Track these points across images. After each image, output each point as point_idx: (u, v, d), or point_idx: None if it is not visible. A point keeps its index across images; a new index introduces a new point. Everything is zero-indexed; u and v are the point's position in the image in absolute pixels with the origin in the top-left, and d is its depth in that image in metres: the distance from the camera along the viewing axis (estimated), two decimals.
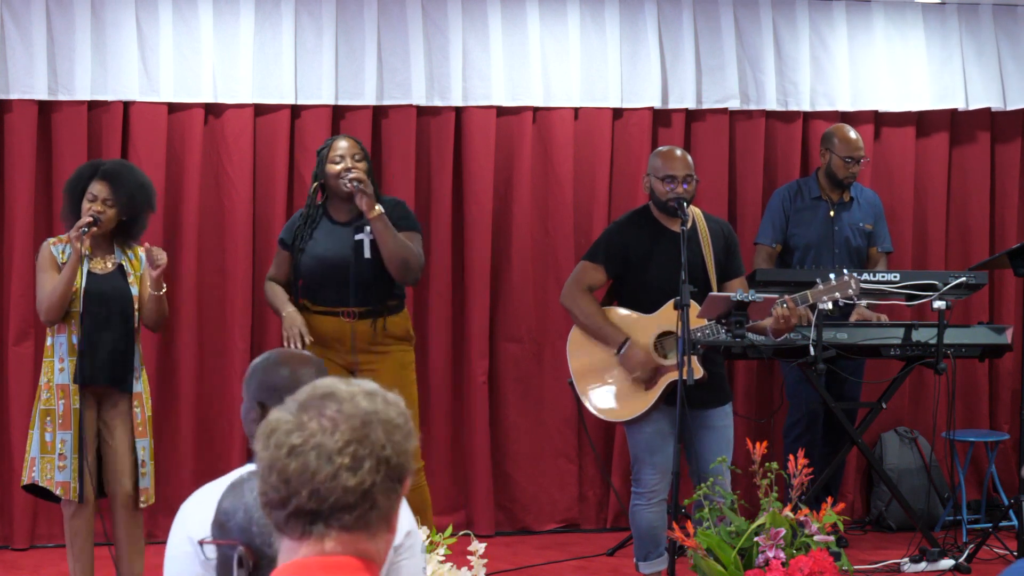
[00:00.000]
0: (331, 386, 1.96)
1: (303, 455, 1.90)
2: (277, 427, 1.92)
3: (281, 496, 1.90)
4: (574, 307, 5.33)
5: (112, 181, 5.12)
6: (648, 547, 5.27)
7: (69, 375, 5.06)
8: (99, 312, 5.08)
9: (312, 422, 1.91)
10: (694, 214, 5.31)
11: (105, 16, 6.36)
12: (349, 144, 5.38)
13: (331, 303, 5.32)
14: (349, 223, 5.36)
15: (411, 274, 5.34)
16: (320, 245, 5.35)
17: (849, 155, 6.45)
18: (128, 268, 5.17)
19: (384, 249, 5.25)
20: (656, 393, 5.15)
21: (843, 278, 5.19)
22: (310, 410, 1.92)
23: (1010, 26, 7.13)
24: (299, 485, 1.89)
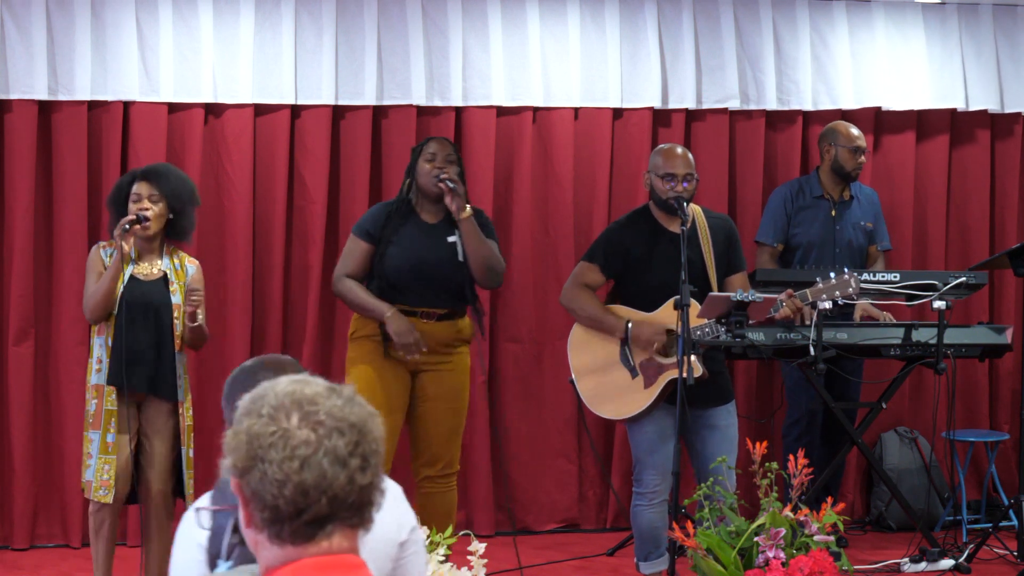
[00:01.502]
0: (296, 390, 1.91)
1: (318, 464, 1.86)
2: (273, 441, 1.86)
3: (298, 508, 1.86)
4: (574, 304, 5.33)
5: (153, 178, 5.17)
6: (649, 547, 5.28)
7: (104, 376, 5.08)
8: (135, 317, 5.09)
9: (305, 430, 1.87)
10: (694, 212, 5.31)
11: (105, 16, 6.36)
12: (442, 145, 5.37)
13: (413, 303, 5.29)
14: (439, 224, 5.35)
15: (495, 278, 5.36)
16: (413, 245, 5.30)
17: (855, 145, 6.47)
18: (172, 277, 5.18)
19: (471, 252, 5.26)
20: (656, 391, 5.15)
21: (843, 277, 5.19)
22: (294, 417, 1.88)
23: (1009, 27, 7.13)
24: (318, 494, 1.87)
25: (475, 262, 5.27)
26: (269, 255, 6.56)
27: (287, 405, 1.89)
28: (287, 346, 6.60)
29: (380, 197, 6.49)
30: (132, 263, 5.14)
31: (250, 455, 1.87)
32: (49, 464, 6.39)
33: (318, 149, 6.56)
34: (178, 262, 5.23)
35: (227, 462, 1.90)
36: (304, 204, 6.58)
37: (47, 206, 6.38)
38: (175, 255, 5.24)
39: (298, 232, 6.59)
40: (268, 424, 1.88)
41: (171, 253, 5.24)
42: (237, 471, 1.89)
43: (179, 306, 5.17)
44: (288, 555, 1.89)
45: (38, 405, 6.38)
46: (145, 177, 5.18)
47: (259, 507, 1.88)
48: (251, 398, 1.93)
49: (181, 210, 5.19)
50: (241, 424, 1.89)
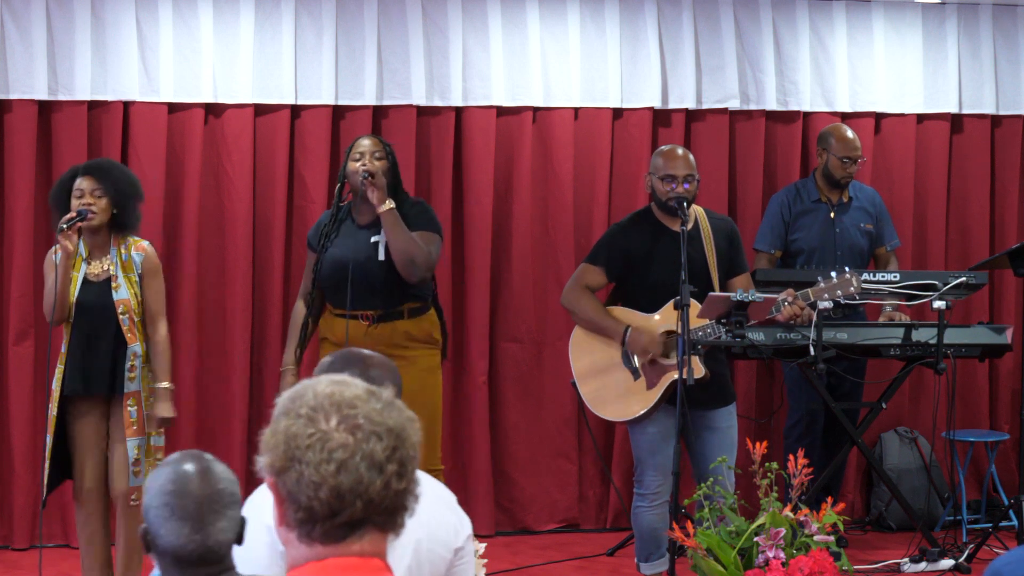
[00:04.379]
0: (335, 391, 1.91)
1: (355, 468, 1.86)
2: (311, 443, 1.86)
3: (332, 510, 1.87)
4: (574, 306, 5.33)
5: (95, 173, 5.17)
6: (650, 548, 5.28)
7: (56, 381, 5.13)
8: (86, 324, 5.12)
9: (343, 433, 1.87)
10: (696, 213, 5.31)
11: (105, 16, 6.36)
12: (371, 142, 5.38)
13: (348, 306, 5.28)
14: (369, 225, 5.35)
15: (416, 271, 5.27)
16: (338, 248, 5.34)
17: (847, 155, 6.44)
18: (117, 271, 5.16)
19: (391, 244, 5.24)
20: (658, 392, 5.15)
21: (844, 276, 5.20)
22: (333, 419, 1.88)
23: (1008, 28, 7.13)
24: (353, 498, 1.87)
25: (395, 255, 5.25)
26: (269, 255, 6.55)
27: (326, 407, 1.89)
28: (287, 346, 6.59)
29: None
30: (85, 263, 5.13)
31: (287, 455, 1.87)
32: None
33: (318, 149, 6.56)
34: (125, 252, 5.20)
35: (263, 460, 1.90)
36: (304, 204, 6.57)
37: (47, 206, 6.36)
38: (122, 245, 5.21)
39: (298, 232, 6.58)
40: (307, 425, 1.88)
41: (119, 244, 5.20)
42: (273, 470, 1.89)
43: (123, 301, 5.12)
44: (316, 553, 1.89)
45: (38, 405, 6.37)
46: (87, 172, 5.16)
47: (293, 507, 1.88)
48: (290, 397, 1.92)
49: (124, 204, 5.18)
50: (279, 423, 1.89)
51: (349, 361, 2.94)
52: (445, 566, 2.96)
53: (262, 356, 6.55)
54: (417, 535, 2.88)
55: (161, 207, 6.32)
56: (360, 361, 2.95)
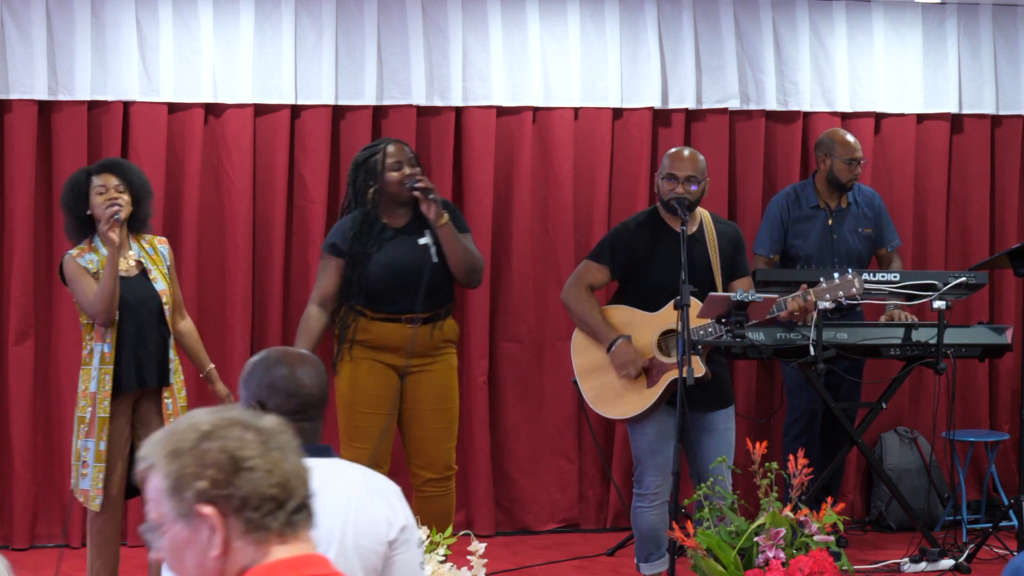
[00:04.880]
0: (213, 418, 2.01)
1: (289, 455, 1.99)
2: (246, 444, 1.97)
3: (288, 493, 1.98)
4: (572, 304, 5.34)
5: (116, 170, 5.17)
6: (649, 548, 5.28)
7: (98, 383, 5.07)
8: (132, 320, 5.09)
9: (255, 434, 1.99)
10: (702, 216, 5.32)
11: (105, 16, 6.36)
12: (401, 149, 5.32)
13: (395, 310, 5.26)
14: (407, 228, 5.32)
15: (476, 277, 5.36)
16: (390, 253, 5.27)
17: (851, 157, 6.44)
18: (149, 265, 5.18)
19: (452, 256, 5.23)
20: (657, 392, 5.15)
21: (846, 277, 5.20)
22: (238, 428, 1.99)
23: (1008, 28, 7.13)
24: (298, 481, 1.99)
25: (457, 265, 5.26)
26: (269, 255, 6.55)
27: (223, 423, 1.99)
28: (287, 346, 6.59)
29: None
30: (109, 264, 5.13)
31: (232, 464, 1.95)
32: (49, 464, 6.39)
33: (318, 149, 6.56)
34: (149, 246, 5.22)
35: (198, 487, 1.95)
36: (304, 204, 6.58)
37: (47, 206, 6.38)
38: (142, 240, 5.22)
39: (298, 232, 6.58)
40: (230, 437, 1.97)
41: (138, 240, 5.22)
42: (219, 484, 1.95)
43: (164, 291, 5.17)
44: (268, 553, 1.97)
45: (38, 405, 6.38)
46: (109, 170, 5.15)
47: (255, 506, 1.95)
48: (183, 430, 1.99)
49: (142, 201, 5.19)
50: (200, 451, 1.96)
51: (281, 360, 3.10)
52: (378, 559, 2.96)
53: None
54: (342, 528, 2.88)
55: (161, 207, 6.31)
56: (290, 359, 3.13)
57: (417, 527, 3.15)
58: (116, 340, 5.08)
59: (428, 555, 4.05)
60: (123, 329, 5.08)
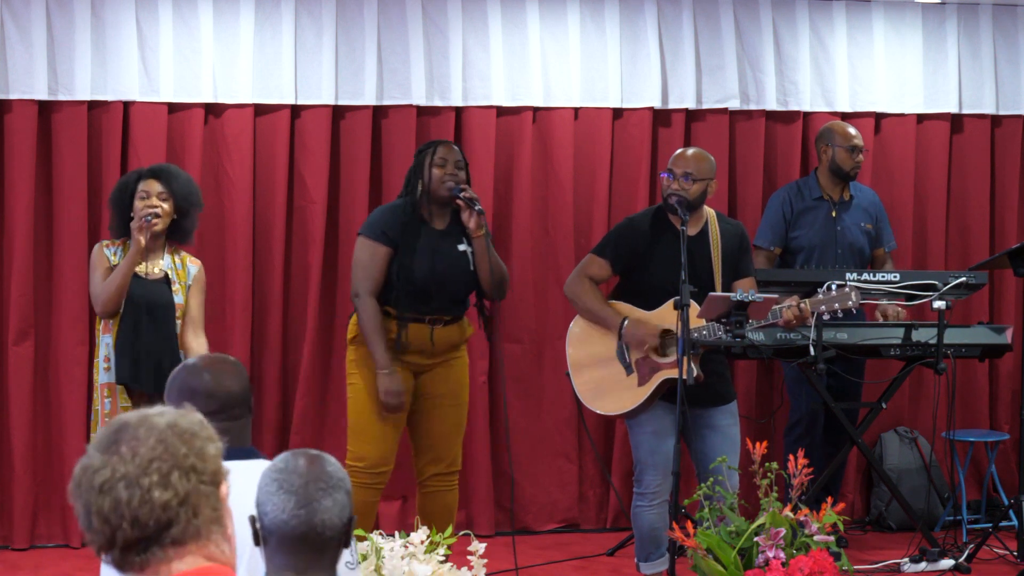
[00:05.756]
0: (121, 419, 2.00)
1: (113, 490, 1.93)
2: (84, 472, 1.96)
3: (107, 536, 1.94)
4: (575, 295, 5.34)
5: (163, 177, 5.17)
6: (649, 548, 5.28)
7: (113, 375, 5.09)
8: (139, 316, 5.10)
9: (113, 457, 1.95)
10: (707, 215, 5.32)
11: (105, 16, 6.36)
12: (451, 150, 5.33)
13: (425, 311, 5.26)
14: (449, 231, 5.33)
15: (504, 290, 5.41)
16: (431, 254, 5.26)
17: (852, 144, 6.46)
18: (173, 277, 5.18)
19: (484, 267, 5.27)
20: (648, 389, 5.16)
21: (844, 290, 5.18)
22: (110, 447, 1.96)
23: (1008, 28, 7.13)
24: (118, 519, 1.93)
25: (488, 278, 5.28)
26: (269, 255, 6.55)
27: (106, 438, 1.98)
28: (287, 346, 6.60)
29: (380, 197, 6.48)
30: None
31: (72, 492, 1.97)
32: (49, 464, 6.39)
33: (318, 149, 6.56)
34: (179, 261, 5.23)
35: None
36: (304, 204, 6.58)
37: (47, 206, 6.38)
38: (176, 254, 5.25)
39: (298, 232, 6.59)
40: (92, 458, 1.97)
41: (173, 252, 5.24)
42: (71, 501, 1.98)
43: (181, 306, 5.18)
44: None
45: (38, 405, 6.38)
46: (155, 176, 5.18)
47: (88, 539, 1.97)
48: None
49: (187, 211, 5.20)
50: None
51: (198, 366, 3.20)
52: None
53: (262, 356, 6.55)
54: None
55: None
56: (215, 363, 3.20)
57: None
58: (116, 332, 5.09)
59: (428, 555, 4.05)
60: (125, 323, 5.08)
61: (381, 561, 3.99)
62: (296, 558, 2.50)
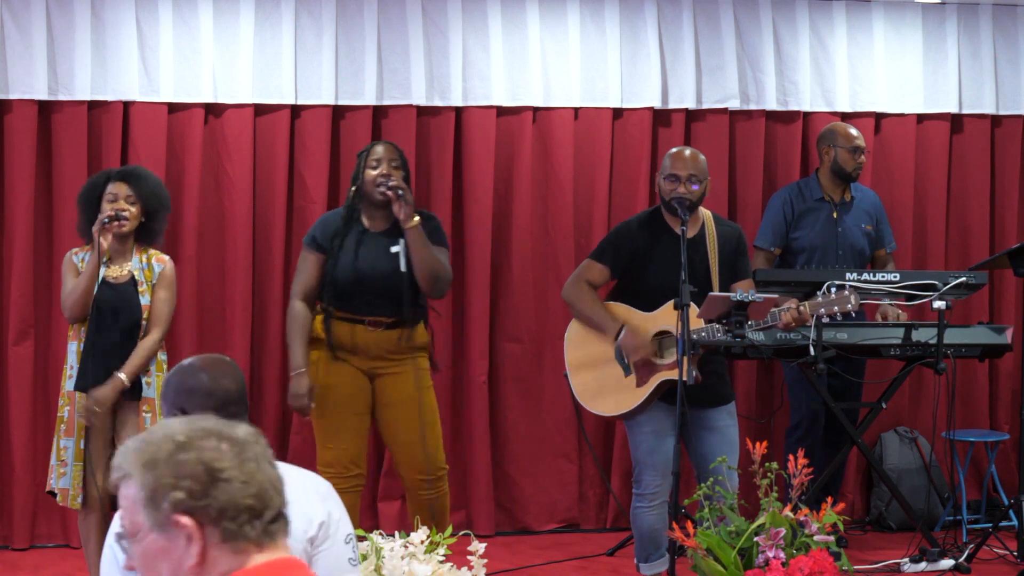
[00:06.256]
0: (194, 422, 2.05)
1: (264, 467, 2.01)
2: (221, 455, 1.98)
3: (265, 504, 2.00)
4: (573, 299, 5.34)
5: (130, 180, 5.18)
6: (649, 549, 5.28)
7: (75, 383, 5.09)
8: (104, 321, 5.09)
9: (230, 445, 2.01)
10: (704, 217, 5.32)
11: (105, 16, 6.36)
12: (387, 149, 5.31)
13: (359, 312, 5.27)
14: (385, 233, 5.31)
15: (439, 287, 5.30)
16: (357, 256, 5.27)
17: (854, 145, 6.46)
18: (141, 277, 5.17)
19: (416, 261, 5.21)
20: (646, 391, 5.15)
21: (843, 293, 5.18)
22: (213, 439, 2.01)
23: (1008, 28, 7.13)
24: (272, 492, 2.01)
25: (420, 272, 5.23)
26: (269, 255, 6.55)
27: (197, 434, 2.00)
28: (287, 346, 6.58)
29: None
30: (105, 265, 5.13)
31: (209, 474, 1.97)
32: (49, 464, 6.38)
33: (318, 149, 6.56)
34: (146, 261, 5.21)
35: (174, 498, 1.96)
36: (304, 204, 6.58)
37: (47, 206, 6.38)
38: (144, 254, 5.23)
39: (298, 232, 6.58)
40: (206, 448, 1.99)
41: (141, 253, 5.22)
42: (195, 495, 1.97)
43: (147, 307, 5.16)
44: (246, 561, 1.99)
45: (38, 405, 6.38)
46: (123, 178, 5.17)
47: (231, 516, 1.97)
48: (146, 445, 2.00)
49: (154, 214, 5.20)
50: (178, 460, 1.98)
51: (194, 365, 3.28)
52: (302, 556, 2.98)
53: (262, 356, 6.55)
54: None
55: None
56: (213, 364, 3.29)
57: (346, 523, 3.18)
58: (85, 340, 5.08)
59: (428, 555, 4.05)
60: (91, 329, 5.08)
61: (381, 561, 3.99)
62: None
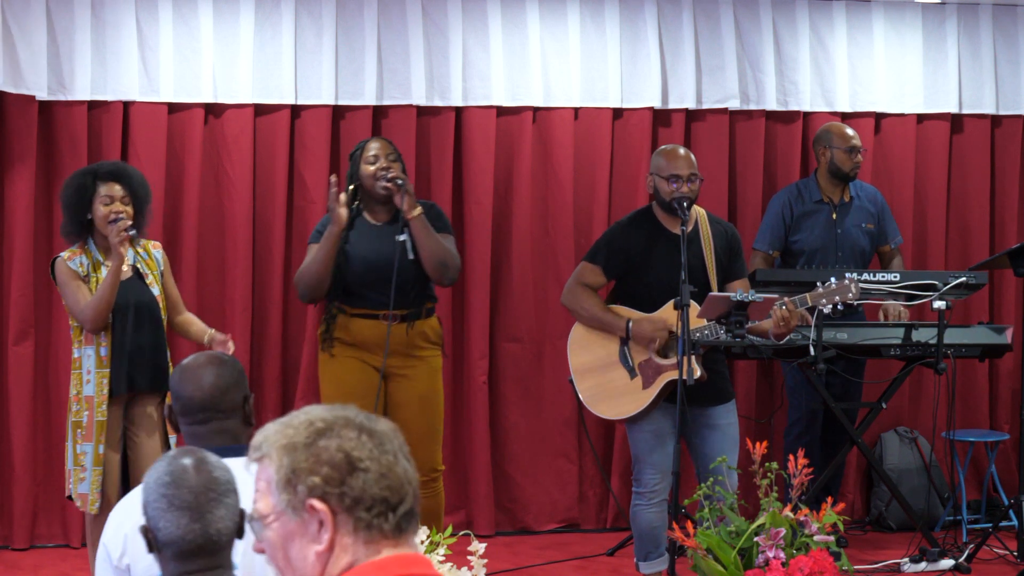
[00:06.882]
0: (335, 411, 2.06)
1: (400, 461, 2.03)
2: (360, 445, 2.00)
3: (400, 496, 2.01)
4: (575, 304, 5.33)
5: (122, 179, 5.14)
6: (648, 547, 5.27)
7: (95, 387, 5.04)
8: (125, 321, 5.07)
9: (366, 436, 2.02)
10: (698, 215, 5.31)
11: (105, 16, 6.36)
12: (382, 144, 5.38)
13: (370, 306, 5.29)
14: (387, 224, 5.35)
15: (448, 274, 5.33)
16: (363, 247, 5.30)
17: (850, 145, 6.45)
18: (144, 269, 5.17)
19: (423, 250, 5.24)
20: (654, 392, 5.15)
21: (843, 281, 5.18)
22: (352, 430, 2.02)
23: (1008, 28, 7.13)
24: (407, 486, 2.03)
25: (428, 259, 5.26)
26: (269, 255, 6.55)
27: (340, 422, 2.02)
28: (287, 346, 6.60)
29: None
30: (104, 265, 5.11)
31: (348, 462, 1.99)
32: (49, 464, 6.39)
33: (318, 149, 6.56)
34: (143, 251, 5.20)
35: (311, 482, 1.98)
36: (304, 204, 6.58)
37: (47, 206, 6.38)
38: (136, 244, 5.21)
39: (298, 232, 6.58)
40: (348, 437, 2.00)
41: (133, 245, 5.20)
42: (334, 482, 1.98)
43: (160, 296, 5.17)
44: (376, 551, 2.00)
45: (38, 405, 6.38)
46: (114, 178, 5.12)
47: (366, 506, 1.98)
48: (287, 428, 2.04)
49: (143, 209, 5.18)
50: (318, 447, 1.99)
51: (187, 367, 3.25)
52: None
53: (262, 356, 6.55)
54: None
55: (161, 207, 6.31)
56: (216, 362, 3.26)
57: None
58: (111, 343, 5.06)
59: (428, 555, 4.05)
60: (116, 331, 5.07)
61: None
62: (193, 564, 2.54)
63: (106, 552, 3.02)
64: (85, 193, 5.12)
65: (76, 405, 5.08)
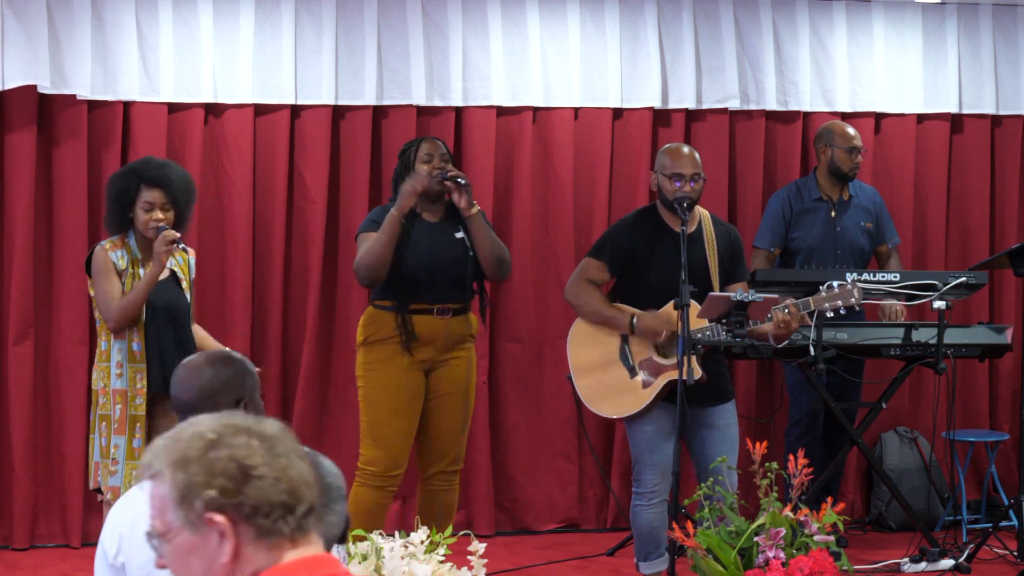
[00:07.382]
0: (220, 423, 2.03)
1: (294, 462, 2.00)
2: (253, 452, 1.97)
3: (297, 499, 1.99)
4: (578, 299, 5.33)
5: (164, 186, 5.04)
6: (648, 547, 5.27)
7: (127, 381, 4.99)
8: (162, 321, 5.04)
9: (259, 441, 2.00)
10: (702, 216, 5.31)
11: (105, 16, 6.35)
12: (435, 145, 5.43)
13: (429, 300, 5.32)
14: (443, 221, 5.40)
15: (504, 270, 5.44)
16: (427, 246, 5.33)
17: (851, 145, 6.46)
18: (181, 275, 5.16)
19: (482, 247, 5.32)
20: (654, 391, 5.15)
21: (845, 287, 5.17)
22: (243, 436, 2.00)
23: (1008, 28, 7.13)
24: (303, 487, 2.00)
25: (487, 257, 5.34)
26: (269, 255, 6.55)
27: (228, 431, 1.99)
28: (287, 346, 6.60)
29: (380, 197, 6.48)
30: (142, 265, 5.09)
31: (242, 471, 1.96)
32: (49, 464, 6.39)
33: (318, 149, 6.56)
34: (180, 256, 5.19)
35: (207, 496, 1.95)
36: (304, 204, 6.58)
37: (47, 206, 6.38)
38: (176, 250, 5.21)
39: (298, 232, 6.58)
40: (237, 445, 1.98)
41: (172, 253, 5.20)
42: (228, 493, 1.96)
43: (192, 305, 5.18)
44: (279, 557, 1.98)
45: (38, 405, 6.38)
46: (157, 184, 5.04)
47: (265, 513, 1.96)
48: (176, 443, 1.99)
49: (185, 213, 5.14)
50: (208, 459, 1.96)
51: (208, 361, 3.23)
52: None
53: (262, 356, 6.54)
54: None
55: None
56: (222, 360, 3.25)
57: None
58: (144, 339, 5.04)
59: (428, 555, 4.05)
60: (149, 329, 5.03)
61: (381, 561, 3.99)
62: None
63: (102, 550, 3.04)
64: (127, 195, 5.06)
65: (103, 398, 5.01)
